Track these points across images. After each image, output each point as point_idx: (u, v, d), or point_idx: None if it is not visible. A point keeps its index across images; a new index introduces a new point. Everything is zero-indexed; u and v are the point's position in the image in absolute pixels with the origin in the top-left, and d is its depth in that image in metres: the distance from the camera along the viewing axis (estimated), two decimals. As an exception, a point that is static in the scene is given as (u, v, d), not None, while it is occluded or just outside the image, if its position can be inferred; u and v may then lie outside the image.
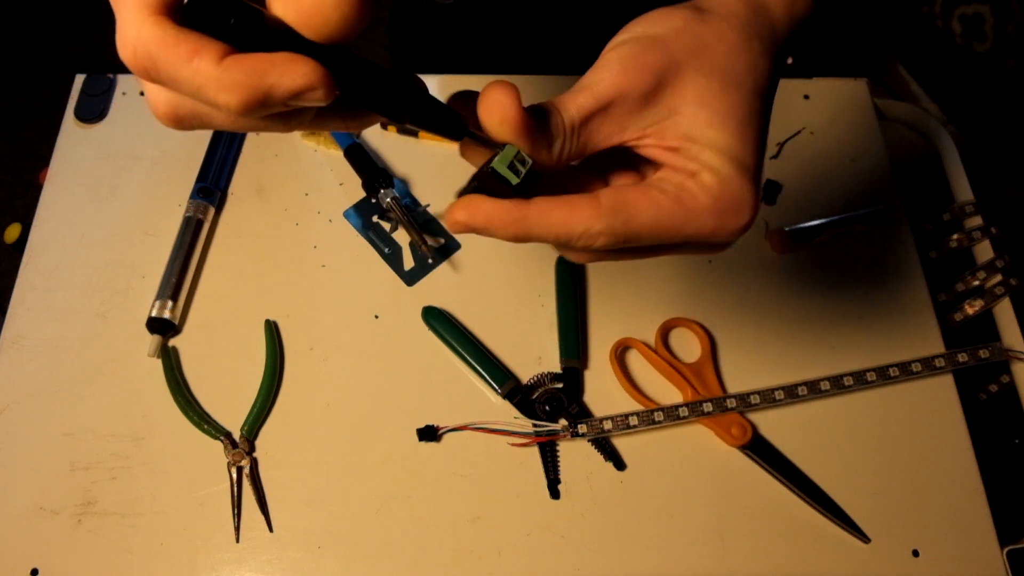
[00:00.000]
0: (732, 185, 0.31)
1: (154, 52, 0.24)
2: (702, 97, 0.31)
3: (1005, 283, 0.60)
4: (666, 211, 0.30)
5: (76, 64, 1.75)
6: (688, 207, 0.31)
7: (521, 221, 0.30)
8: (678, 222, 0.30)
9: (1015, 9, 0.64)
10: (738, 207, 0.31)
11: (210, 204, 0.62)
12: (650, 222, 0.30)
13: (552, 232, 0.30)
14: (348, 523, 0.52)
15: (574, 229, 0.30)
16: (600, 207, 0.30)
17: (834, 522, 0.52)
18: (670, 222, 0.30)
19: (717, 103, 0.31)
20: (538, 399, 0.55)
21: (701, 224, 0.31)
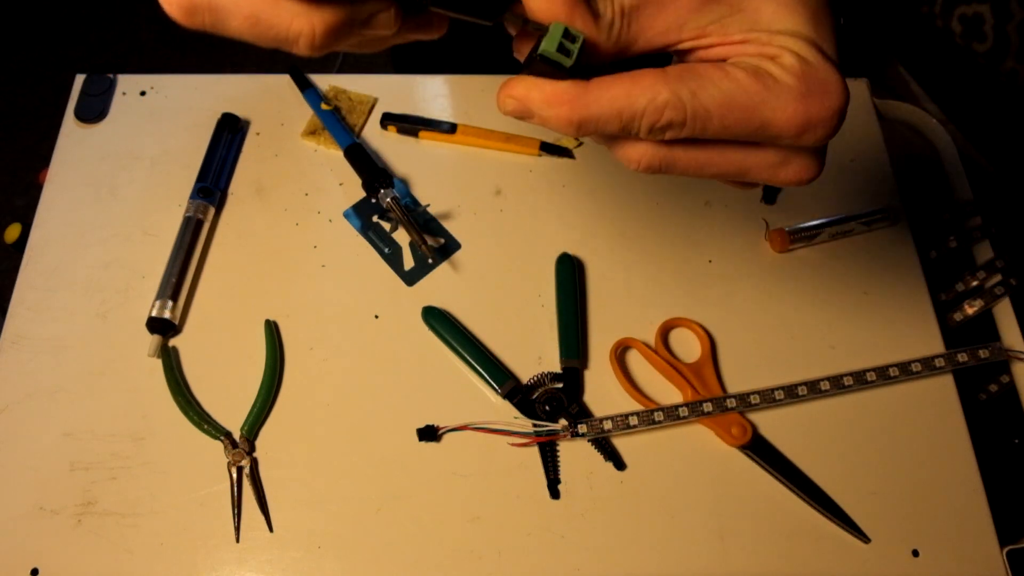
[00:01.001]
0: (817, 66, 0.27)
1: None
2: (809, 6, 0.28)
3: (1005, 283, 0.60)
4: (742, 85, 0.26)
5: (76, 64, 1.75)
6: (767, 85, 0.26)
7: (580, 99, 0.27)
8: (756, 100, 0.26)
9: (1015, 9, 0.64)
10: (825, 88, 0.27)
11: (210, 204, 0.62)
12: (722, 96, 0.26)
13: (614, 107, 0.27)
14: (348, 523, 0.52)
15: (637, 101, 0.26)
16: (667, 75, 0.27)
17: (834, 522, 0.52)
18: (746, 99, 0.26)
19: (818, 15, 0.28)
20: (538, 399, 0.55)
21: (783, 107, 0.27)
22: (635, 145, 0.29)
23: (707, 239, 0.62)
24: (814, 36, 0.28)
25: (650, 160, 0.30)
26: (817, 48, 0.27)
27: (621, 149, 0.30)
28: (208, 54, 1.76)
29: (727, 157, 0.29)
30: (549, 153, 0.66)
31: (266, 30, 0.26)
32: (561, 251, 0.61)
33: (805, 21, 0.28)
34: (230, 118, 0.65)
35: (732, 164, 0.29)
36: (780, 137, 0.27)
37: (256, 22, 0.26)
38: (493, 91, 0.71)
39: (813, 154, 0.29)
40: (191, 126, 0.67)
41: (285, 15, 0.25)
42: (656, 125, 0.27)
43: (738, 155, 0.29)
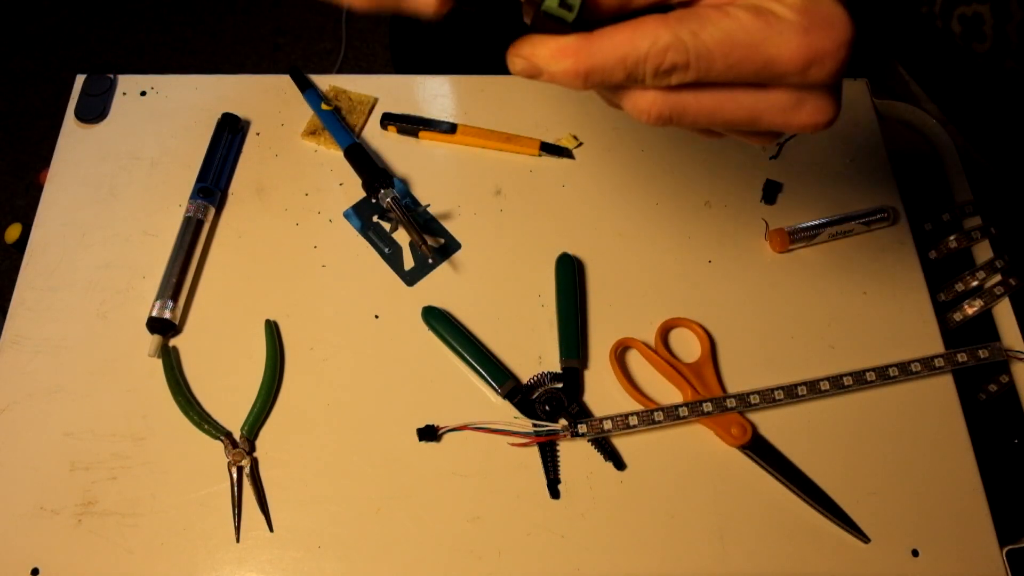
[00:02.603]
0: (820, 1, 0.26)
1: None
2: None
3: (1005, 283, 0.60)
4: (743, 24, 0.26)
5: (76, 64, 1.75)
6: (768, 21, 0.26)
7: (584, 49, 0.27)
8: (758, 37, 0.26)
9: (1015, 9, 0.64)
10: (830, 21, 0.26)
11: (210, 204, 0.62)
12: (722, 35, 0.26)
13: (618, 53, 0.27)
14: (348, 523, 0.52)
15: (640, 45, 0.26)
16: (668, 18, 0.27)
17: (834, 522, 0.52)
18: (747, 36, 0.26)
19: None
20: (538, 399, 0.55)
21: (786, 42, 0.26)
22: (643, 94, 0.29)
23: (707, 239, 0.63)
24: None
25: (660, 109, 0.29)
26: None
27: (630, 100, 0.29)
28: (208, 54, 1.76)
29: (737, 101, 0.28)
30: (549, 153, 0.66)
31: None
32: (561, 251, 0.61)
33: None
34: (230, 118, 0.65)
35: (743, 109, 0.28)
36: (787, 74, 0.27)
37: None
38: (493, 91, 0.72)
39: (827, 93, 0.28)
40: (191, 126, 0.67)
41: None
42: (661, 68, 0.27)
43: (749, 98, 0.28)
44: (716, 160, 0.66)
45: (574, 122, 0.68)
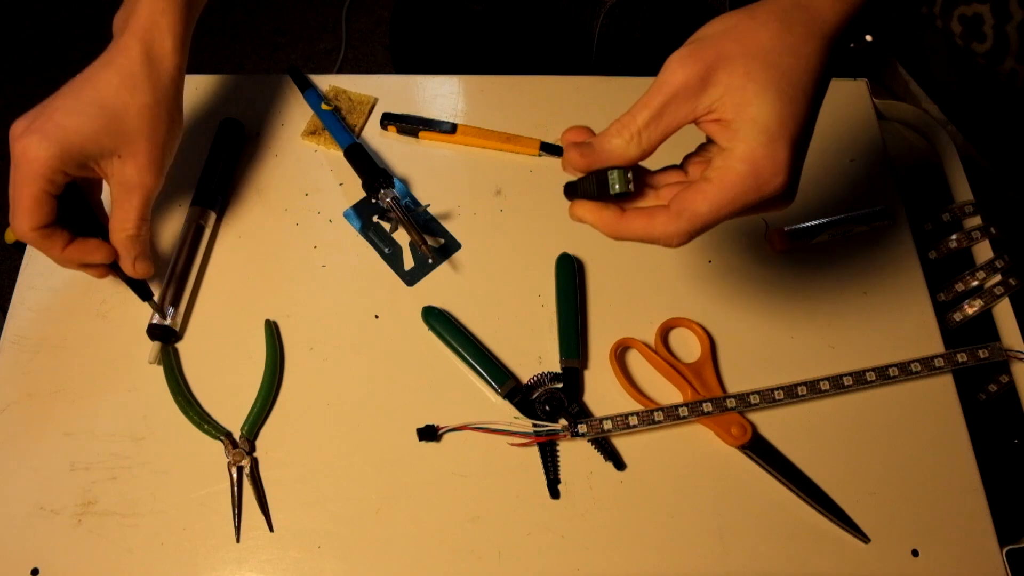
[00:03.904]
0: (763, 152, 0.36)
1: (39, 246, 0.51)
2: (747, 75, 0.36)
3: (1004, 283, 0.60)
4: (715, 196, 0.37)
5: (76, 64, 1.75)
6: (730, 183, 0.36)
7: (616, 225, 0.40)
8: (728, 198, 0.36)
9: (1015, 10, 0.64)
10: (773, 169, 0.36)
11: (211, 210, 0.62)
12: (708, 211, 0.37)
13: (637, 236, 0.39)
14: (348, 523, 0.52)
15: (654, 232, 0.39)
16: (669, 213, 0.38)
17: (834, 522, 0.52)
18: (723, 201, 0.37)
19: (759, 78, 0.36)
20: (538, 399, 0.55)
21: (746, 191, 0.36)
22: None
23: (707, 239, 0.63)
24: (773, 119, 0.36)
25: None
26: (769, 133, 0.36)
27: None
28: (208, 54, 1.76)
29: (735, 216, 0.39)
30: (549, 153, 0.66)
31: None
32: (561, 251, 0.61)
33: (768, 105, 0.36)
34: (232, 123, 0.65)
35: (741, 215, 0.39)
36: (755, 204, 0.37)
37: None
38: (493, 91, 0.72)
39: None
40: (190, 126, 0.67)
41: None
42: (667, 239, 0.39)
43: (739, 215, 0.39)
44: (716, 160, 0.66)
45: (574, 122, 0.67)
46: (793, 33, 0.37)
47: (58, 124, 0.48)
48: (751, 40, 0.37)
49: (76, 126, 0.48)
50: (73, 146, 0.48)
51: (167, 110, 0.51)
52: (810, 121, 0.37)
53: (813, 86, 0.37)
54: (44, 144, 0.47)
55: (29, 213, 0.48)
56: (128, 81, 0.49)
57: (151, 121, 0.50)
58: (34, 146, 0.47)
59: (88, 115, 0.48)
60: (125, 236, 0.52)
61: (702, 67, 0.37)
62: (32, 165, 0.47)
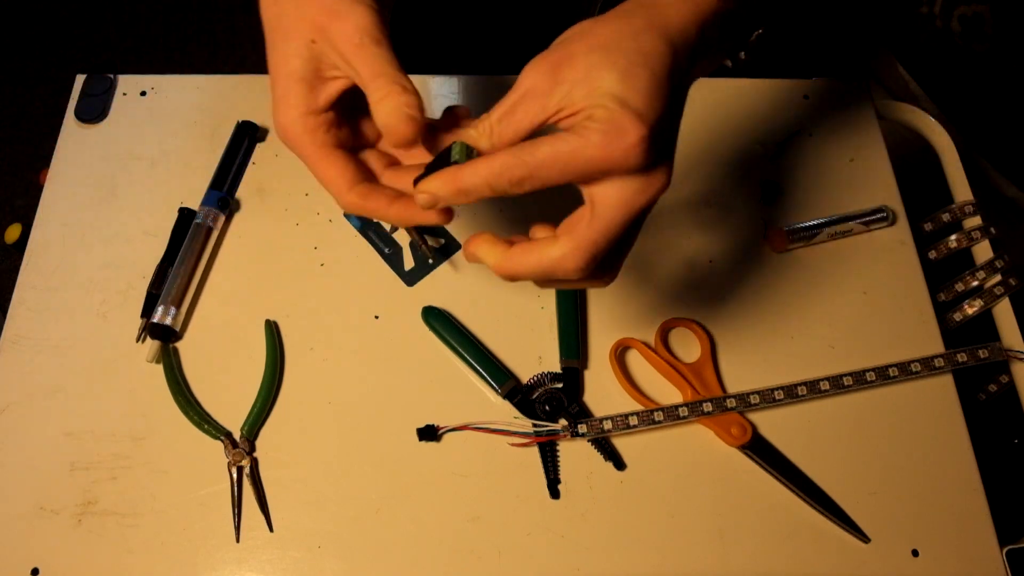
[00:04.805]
0: (615, 115, 0.36)
1: (361, 208, 0.42)
2: (590, 65, 0.37)
3: (1004, 283, 0.60)
4: (562, 141, 0.36)
5: (76, 64, 1.75)
6: (581, 137, 0.36)
7: (457, 176, 0.38)
8: (573, 147, 0.36)
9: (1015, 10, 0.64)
10: (621, 131, 0.35)
11: (222, 212, 0.62)
12: (551, 151, 0.36)
13: (486, 181, 0.38)
14: (348, 523, 0.52)
15: (494, 167, 0.37)
16: (512, 150, 0.37)
17: (834, 522, 0.52)
18: (566, 148, 0.36)
19: (601, 63, 0.37)
20: (538, 399, 0.55)
21: (593, 147, 0.36)
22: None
23: (707, 239, 0.63)
24: (622, 91, 0.36)
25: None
26: (620, 102, 0.36)
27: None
28: (208, 54, 1.76)
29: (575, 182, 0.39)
30: (549, 153, 0.66)
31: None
32: (561, 251, 0.61)
33: (616, 79, 0.36)
34: (248, 125, 0.65)
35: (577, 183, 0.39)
36: (600, 172, 0.37)
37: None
38: (494, 91, 0.71)
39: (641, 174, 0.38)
40: (191, 126, 0.67)
41: None
42: (512, 181, 0.37)
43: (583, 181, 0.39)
44: (716, 160, 0.66)
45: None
46: (632, 24, 0.38)
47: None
48: (593, 36, 0.38)
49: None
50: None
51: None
52: (661, 97, 0.37)
53: (661, 66, 0.37)
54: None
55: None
56: None
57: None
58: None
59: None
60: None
61: (549, 67, 0.38)
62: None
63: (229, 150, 0.64)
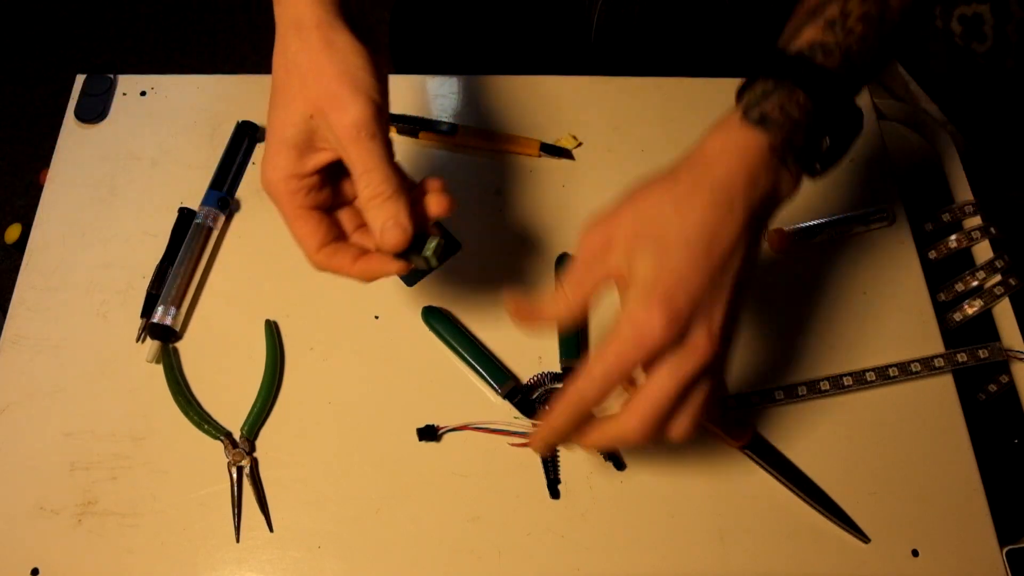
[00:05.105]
0: (637, 304, 0.39)
1: (326, 265, 0.45)
2: (635, 235, 0.40)
3: (1004, 283, 0.60)
4: (603, 355, 0.39)
5: (76, 64, 1.75)
6: (612, 340, 0.39)
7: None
8: (613, 355, 0.39)
9: (1015, 9, 0.64)
10: (649, 320, 0.38)
11: (222, 212, 0.62)
12: (600, 370, 0.39)
13: (567, 422, 0.42)
14: (348, 523, 0.52)
15: (570, 404, 0.41)
16: (576, 384, 0.40)
17: (834, 522, 0.52)
18: (611, 357, 0.39)
19: (642, 234, 0.40)
20: (538, 399, 0.55)
21: (626, 345, 0.38)
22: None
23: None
24: (652, 275, 0.39)
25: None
26: (648, 288, 0.38)
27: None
28: (208, 54, 1.76)
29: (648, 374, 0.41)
30: (549, 154, 0.66)
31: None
32: (561, 251, 0.61)
33: (649, 266, 0.39)
34: (248, 126, 0.65)
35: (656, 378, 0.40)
36: (644, 360, 0.39)
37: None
38: (493, 91, 0.71)
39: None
40: (191, 126, 0.67)
41: None
42: (590, 403, 0.41)
43: (650, 369, 0.40)
44: (716, 160, 0.66)
45: (574, 122, 0.67)
46: (678, 187, 0.40)
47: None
48: (642, 199, 0.41)
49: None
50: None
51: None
52: (695, 267, 0.39)
53: (698, 235, 0.39)
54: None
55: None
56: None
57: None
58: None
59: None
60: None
61: (604, 234, 0.41)
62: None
63: (229, 150, 0.64)
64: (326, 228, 0.45)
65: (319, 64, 0.42)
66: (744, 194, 0.40)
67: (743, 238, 0.40)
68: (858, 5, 0.42)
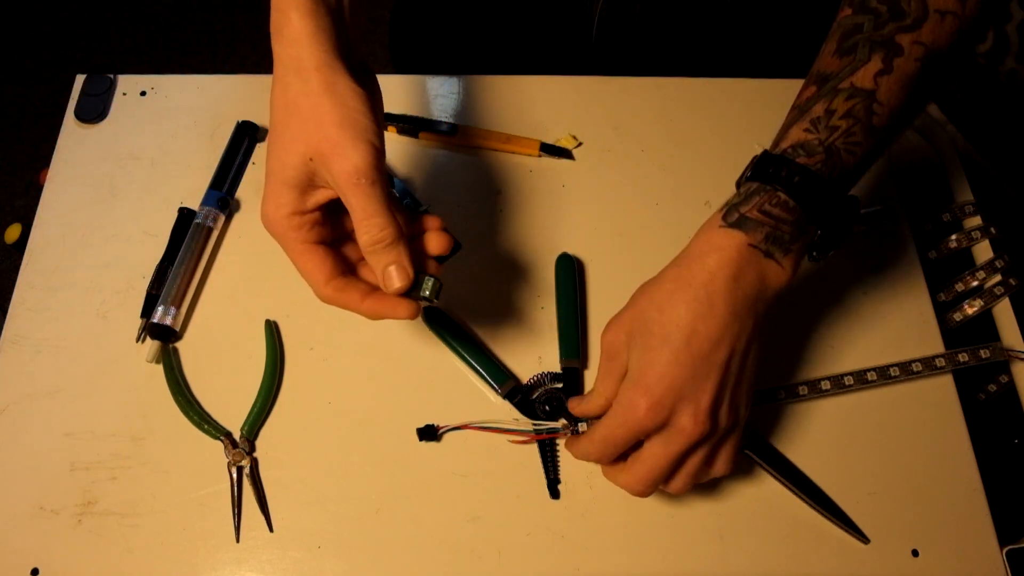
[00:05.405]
0: (625, 393, 0.45)
1: (335, 300, 0.46)
2: (630, 335, 0.46)
3: (1004, 283, 0.60)
4: (599, 429, 0.46)
5: (76, 64, 1.75)
6: (605, 418, 0.46)
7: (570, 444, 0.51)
8: (606, 430, 0.46)
9: (1015, 10, 0.64)
10: (631, 406, 0.44)
11: (222, 212, 0.62)
12: (598, 438, 0.46)
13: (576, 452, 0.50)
14: (348, 523, 0.52)
15: (574, 449, 0.50)
16: (581, 438, 0.49)
17: (834, 523, 0.52)
18: (604, 431, 0.46)
19: (634, 333, 0.45)
20: (538, 399, 0.55)
21: (615, 424, 0.45)
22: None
23: (707, 239, 0.62)
24: (637, 369, 0.44)
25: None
26: (634, 381, 0.44)
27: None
28: (208, 54, 1.76)
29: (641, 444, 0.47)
30: (549, 154, 0.66)
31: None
32: (561, 251, 0.61)
33: (635, 361, 0.45)
34: (248, 125, 0.65)
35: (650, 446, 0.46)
36: (635, 438, 0.45)
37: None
38: (493, 91, 0.71)
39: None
40: (191, 126, 0.67)
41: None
42: (594, 458, 0.49)
43: (641, 441, 0.47)
44: (716, 160, 0.66)
45: (574, 122, 0.68)
46: (663, 287, 0.45)
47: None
48: (635, 304, 0.46)
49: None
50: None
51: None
52: (674, 361, 0.43)
53: (677, 331, 0.43)
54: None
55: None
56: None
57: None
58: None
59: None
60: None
61: (613, 334, 0.47)
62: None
63: (229, 150, 0.65)
64: (331, 262, 0.45)
65: (320, 109, 0.42)
66: (725, 290, 0.43)
67: (728, 330, 0.43)
68: (842, 103, 0.44)
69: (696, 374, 0.43)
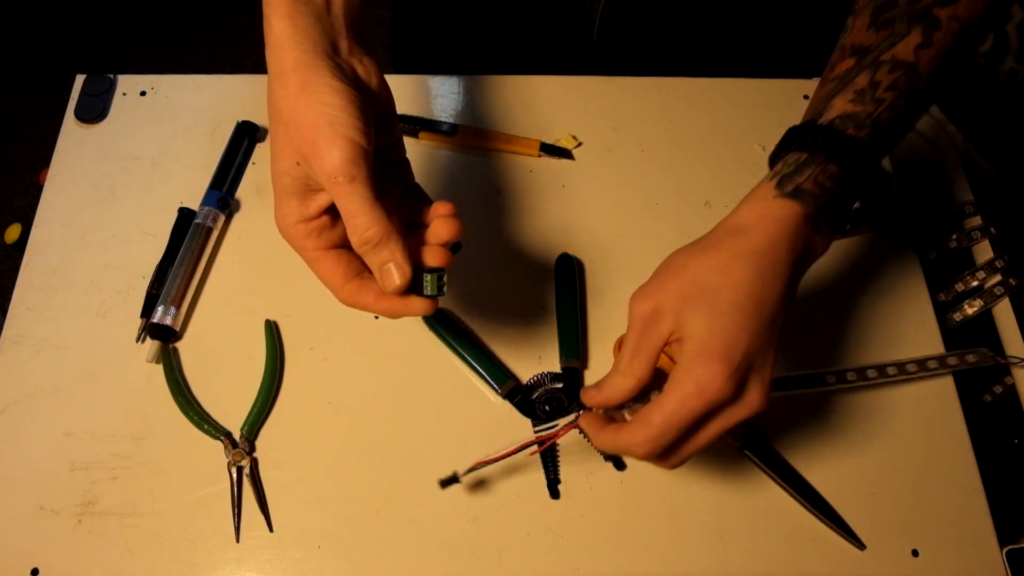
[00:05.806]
0: (698, 362, 0.40)
1: (353, 303, 0.45)
2: (683, 299, 0.42)
3: (1004, 283, 0.60)
4: (664, 406, 0.40)
5: (76, 64, 1.75)
6: (673, 393, 0.40)
7: (597, 434, 0.44)
8: (675, 407, 0.40)
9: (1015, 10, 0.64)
10: (710, 376, 0.39)
11: (222, 212, 0.62)
12: (660, 419, 0.40)
13: (610, 444, 0.43)
14: (348, 523, 0.52)
15: (620, 441, 0.42)
16: (633, 423, 0.42)
17: (831, 528, 0.52)
18: (671, 409, 0.40)
19: (691, 299, 0.42)
20: (538, 399, 0.55)
21: (688, 398, 0.39)
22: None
23: (707, 239, 0.62)
24: (706, 337, 0.40)
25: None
26: (705, 348, 0.40)
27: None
28: (208, 54, 1.76)
29: (706, 426, 0.42)
30: (549, 154, 0.66)
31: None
32: (561, 251, 0.61)
33: (702, 326, 0.41)
34: (248, 125, 0.65)
35: (710, 428, 0.42)
36: (705, 413, 0.40)
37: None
38: (493, 91, 0.71)
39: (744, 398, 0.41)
40: (191, 126, 0.67)
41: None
42: (638, 456, 0.42)
43: (705, 423, 0.41)
44: (716, 160, 0.66)
45: (574, 122, 0.68)
46: (720, 254, 0.42)
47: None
48: (684, 269, 0.43)
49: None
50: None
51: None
52: (747, 329, 0.40)
53: (746, 298, 0.41)
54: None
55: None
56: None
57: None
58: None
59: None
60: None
61: (652, 302, 0.42)
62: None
63: (229, 150, 0.65)
64: (346, 264, 0.45)
65: (296, 110, 0.41)
66: (786, 260, 0.42)
67: (785, 298, 0.43)
68: (886, 75, 0.44)
69: (763, 345, 0.41)
